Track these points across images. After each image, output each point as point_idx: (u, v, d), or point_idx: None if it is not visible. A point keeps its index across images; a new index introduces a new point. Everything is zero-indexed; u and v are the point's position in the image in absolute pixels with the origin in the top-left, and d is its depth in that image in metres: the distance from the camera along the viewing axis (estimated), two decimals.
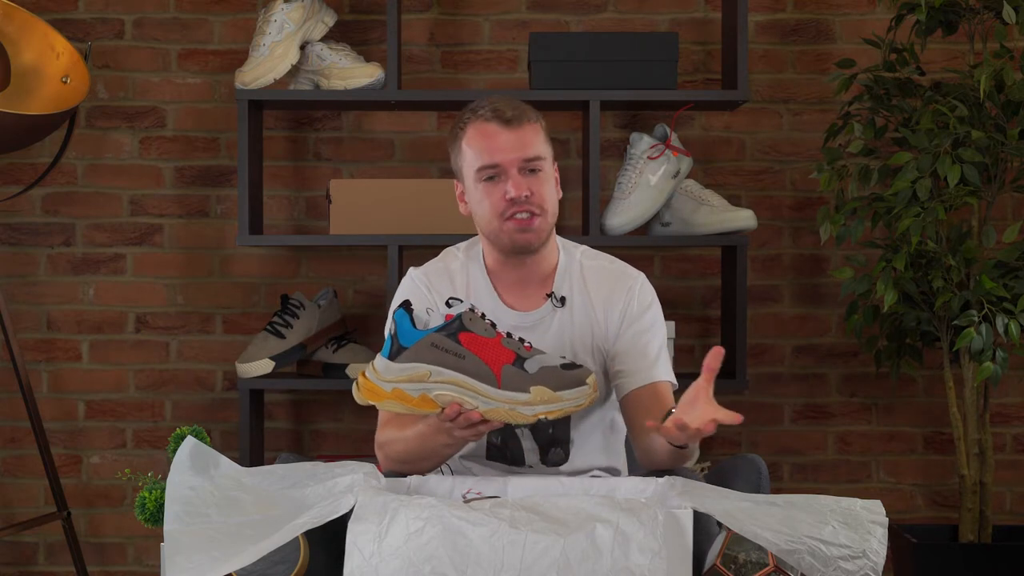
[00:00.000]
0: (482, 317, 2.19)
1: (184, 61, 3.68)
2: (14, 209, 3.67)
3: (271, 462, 3.44)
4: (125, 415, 3.68)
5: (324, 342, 3.48)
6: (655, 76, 3.39)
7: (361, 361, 3.44)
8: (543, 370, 2.13)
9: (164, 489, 2.23)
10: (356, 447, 3.67)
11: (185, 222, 3.68)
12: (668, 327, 3.14)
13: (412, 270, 2.55)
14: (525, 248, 2.43)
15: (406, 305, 2.18)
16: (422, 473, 2.35)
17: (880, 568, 1.99)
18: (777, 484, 3.65)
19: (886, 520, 2.04)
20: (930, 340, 3.39)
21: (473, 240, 2.57)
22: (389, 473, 2.36)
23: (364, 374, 2.17)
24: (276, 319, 3.44)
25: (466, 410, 2.15)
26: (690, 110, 3.61)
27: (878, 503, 2.08)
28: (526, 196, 2.39)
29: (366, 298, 3.69)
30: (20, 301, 3.67)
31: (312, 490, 2.12)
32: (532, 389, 2.13)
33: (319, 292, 3.57)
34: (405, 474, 2.33)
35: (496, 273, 2.50)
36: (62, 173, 3.66)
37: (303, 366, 3.53)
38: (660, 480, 2.16)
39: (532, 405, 2.13)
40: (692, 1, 3.68)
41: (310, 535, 2.16)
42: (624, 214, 3.37)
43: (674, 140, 3.41)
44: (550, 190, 2.45)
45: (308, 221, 3.69)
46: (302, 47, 3.43)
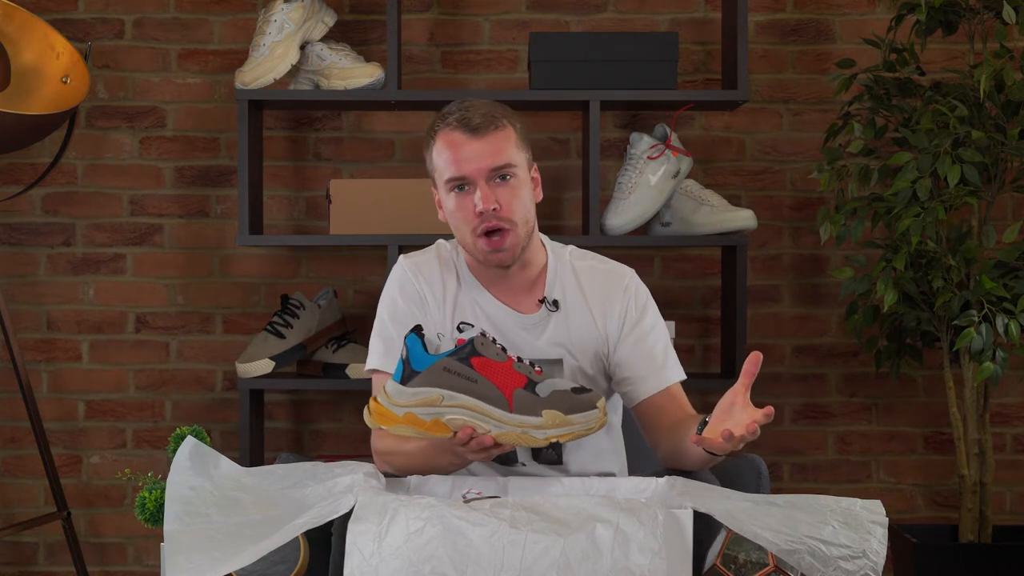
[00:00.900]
0: (493, 342, 2.19)
1: (184, 61, 3.68)
2: (14, 209, 3.67)
3: (271, 462, 3.44)
4: (125, 415, 3.68)
5: (324, 342, 3.48)
6: (655, 76, 3.39)
7: (361, 361, 3.44)
8: (554, 394, 2.14)
9: (164, 489, 2.23)
10: (356, 447, 3.67)
11: (185, 222, 3.68)
12: (668, 327, 3.14)
13: (403, 258, 2.51)
14: (499, 266, 2.42)
15: (417, 330, 2.19)
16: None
17: (880, 568, 1.99)
18: (777, 484, 3.65)
19: (886, 520, 2.04)
20: (930, 340, 3.39)
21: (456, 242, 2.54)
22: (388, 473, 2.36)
23: (376, 399, 2.18)
24: (276, 319, 3.44)
25: (478, 434, 2.15)
26: (690, 110, 3.61)
27: (878, 503, 2.07)
28: (494, 209, 2.35)
29: (366, 298, 3.69)
30: (20, 301, 3.67)
31: (312, 490, 2.12)
32: (544, 413, 2.14)
33: (319, 292, 3.57)
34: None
35: (479, 276, 2.48)
36: (62, 173, 3.66)
37: (303, 366, 3.53)
38: (660, 480, 2.16)
39: (544, 429, 2.14)
40: (692, 1, 3.68)
41: (310, 535, 2.16)
42: (624, 214, 3.37)
43: (674, 140, 3.41)
44: (521, 199, 2.38)
45: (308, 221, 3.69)
46: (302, 47, 3.43)
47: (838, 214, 3.25)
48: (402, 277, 2.49)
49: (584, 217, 3.49)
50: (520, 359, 2.20)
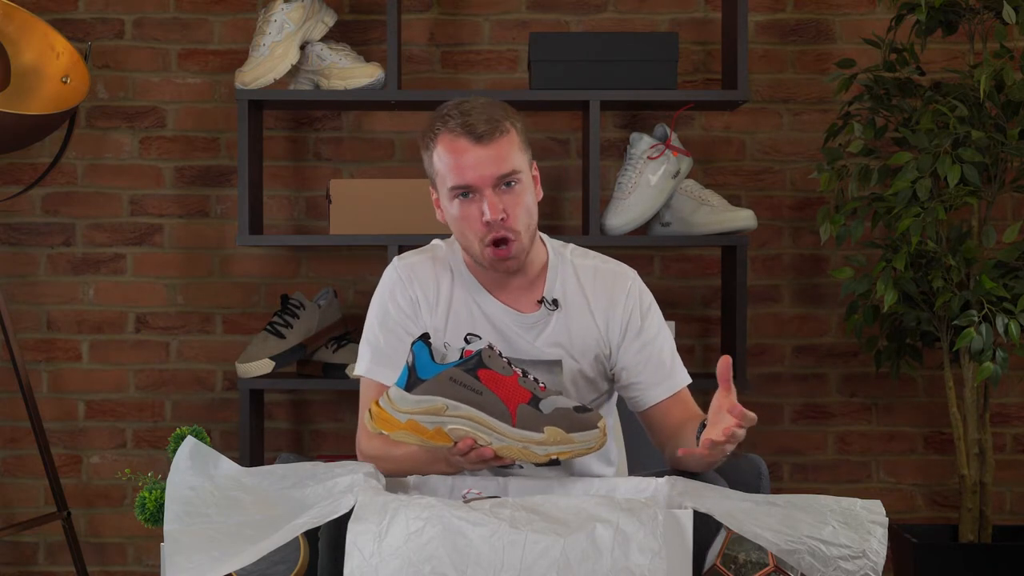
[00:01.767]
0: (499, 355, 2.19)
1: (184, 61, 3.68)
2: (14, 209, 3.67)
3: (271, 462, 3.44)
4: (125, 415, 3.68)
5: (324, 342, 3.48)
6: (655, 76, 3.39)
7: None
8: (557, 411, 2.15)
9: (164, 489, 2.23)
10: (355, 447, 3.67)
11: (185, 222, 3.68)
12: (668, 327, 3.14)
13: (396, 260, 2.49)
14: (506, 272, 2.40)
15: (425, 338, 2.19)
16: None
17: (880, 568, 1.99)
18: (777, 484, 3.65)
19: (886, 520, 2.04)
20: (930, 340, 3.39)
21: (453, 239, 2.50)
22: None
23: (378, 403, 2.18)
24: (276, 319, 3.44)
25: (479, 446, 2.15)
26: (690, 110, 3.61)
27: (878, 503, 2.08)
28: (501, 219, 2.32)
29: (366, 298, 3.66)
30: (20, 301, 3.67)
31: (312, 490, 2.12)
32: (546, 429, 2.14)
33: (319, 292, 3.57)
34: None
35: (480, 273, 2.45)
36: (62, 173, 3.66)
37: (303, 366, 3.53)
38: (660, 480, 2.16)
39: (545, 445, 2.14)
40: (692, 1, 3.68)
41: (310, 535, 2.16)
42: (624, 214, 3.37)
43: (674, 140, 3.41)
44: (526, 205, 2.36)
45: (308, 221, 3.69)
46: (302, 47, 3.43)
47: (838, 214, 3.25)
48: (394, 283, 2.46)
49: (584, 217, 3.49)
50: (525, 374, 2.20)
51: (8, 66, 3.24)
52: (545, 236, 2.52)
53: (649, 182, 3.38)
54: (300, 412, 3.70)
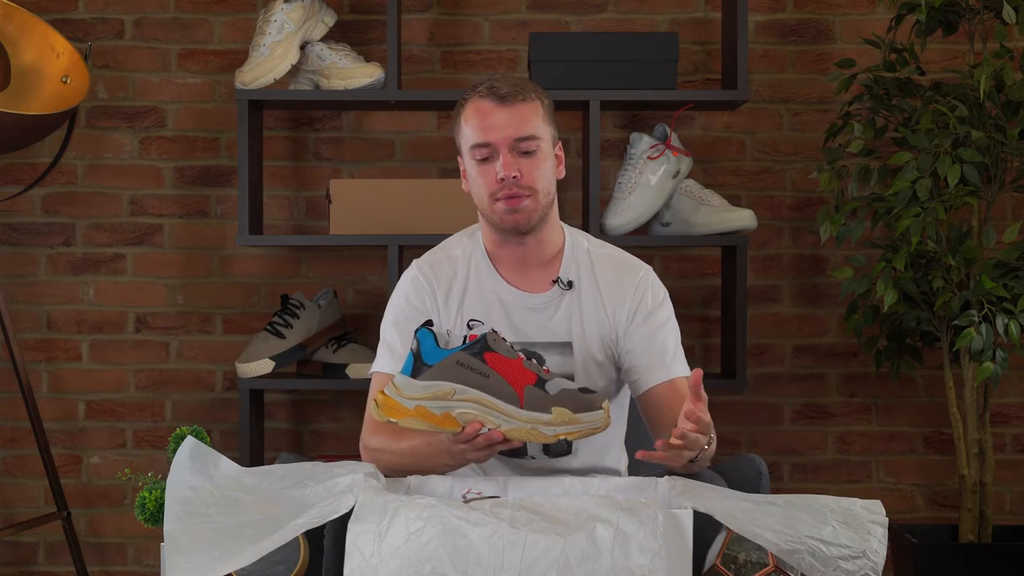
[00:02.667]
0: (503, 339, 2.20)
1: (184, 61, 3.68)
2: (14, 209, 3.67)
3: (271, 462, 3.44)
4: (125, 415, 3.68)
5: (324, 342, 3.48)
6: (655, 76, 3.39)
7: (361, 361, 3.44)
8: (563, 392, 2.15)
9: (164, 489, 2.23)
10: (356, 447, 3.65)
11: (185, 222, 3.68)
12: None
13: (416, 262, 2.55)
14: (515, 228, 2.44)
15: (428, 324, 2.20)
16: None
17: (880, 568, 1.99)
18: (777, 484, 3.65)
19: (886, 520, 2.04)
20: (930, 340, 3.39)
21: (474, 227, 2.58)
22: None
23: (384, 392, 2.18)
24: (276, 319, 3.44)
25: (486, 430, 2.16)
26: (690, 110, 3.61)
27: (878, 503, 2.08)
28: (514, 177, 2.39)
29: (366, 298, 3.69)
30: (20, 301, 3.67)
31: (312, 490, 2.12)
32: (553, 410, 2.14)
33: (319, 292, 3.57)
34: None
35: (497, 256, 2.51)
36: (62, 173, 3.66)
37: (303, 366, 3.53)
38: (660, 480, 2.16)
39: (553, 426, 2.14)
40: (692, 1, 3.68)
41: (310, 535, 2.16)
42: (624, 214, 3.37)
43: (674, 140, 3.41)
44: (543, 171, 2.43)
45: (308, 221, 3.69)
46: (302, 47, 3.43)
47: (838, 214, 3.25)
48: (410, 282, 2.53)
49: (584, 217, 3.49)
50: (528, 358, 2.21)
51: (8, 66, 3.24)
52: (565, 224, 2.58)
53: (649, 182, 3.38)
54: (300, 412, 3.70)
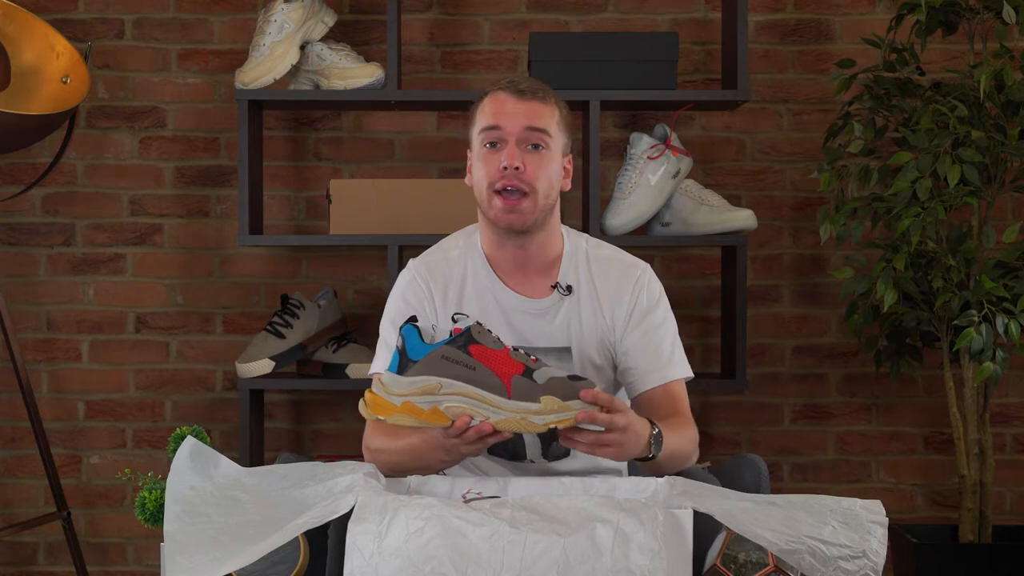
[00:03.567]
0: (488, 331, 2.19)
1: (184, 61, 3.68)
2: (14, 209, 3.67)
3: (271, 462, 3.44)
4: (125, 415, 3.68)
5: (324, 342, 3.48)
6: (655, 76, 3.39)
7: (361, 361, 3.44)
8: (551, 381, 2.14)
9: (164, 489, 2.23)
10: (356, 447, 3.65)
11: (185, 222, 3.68)
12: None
13: (411, 262, 2.55)
14: (510, 228, 2.43)
15: (413, 320, 2.19)
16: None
17: (880, 568, 1.99)
18: (777, 484, 3.65)
19: (886, 520, 2.04)
20: (930, 340, 3.39)
21: (472, 228, 2.57)
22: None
23: (371, 390, 2.18)
24: (276, 319, 3.44)
25: (476, 423, 2.15)
26: (690, 110, 3.61)
27: (878, 503, 2.08)
28: (517, 167, 2.38)
29: (366, 298, 3.69)
30: (20, 301, 3.67)
31: (312, 490, 2.12)
32: (542, 399, 2.13)
33: (319, 292, 3.57)
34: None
35: (496, 259, 2.50)
36: (62, 173, 3.66)
37: (303, 366, 3.53)
38: (660, 480, 2.16)
39: (543, 414, 2.13)
40: (692, 1, 3.68)
41: (310, 535, 2.16)
42: (624, 214, 3.37)
43: (674, 140, 3.41)
44: (548, 171, 2.42)
45: (308, 221, 3.69)
46: (302, 47, 3.43)
47: (838, 214, 3.25)
48: (407, 283, 2.52)
49: (584, 217, 3.49)
50: (516, 348, 2.20)
51: (8, 66, 3.24)
52: (565, 228, 2.57)
53: (649, 182, 3.38)
54: (300, 412, 3.70)
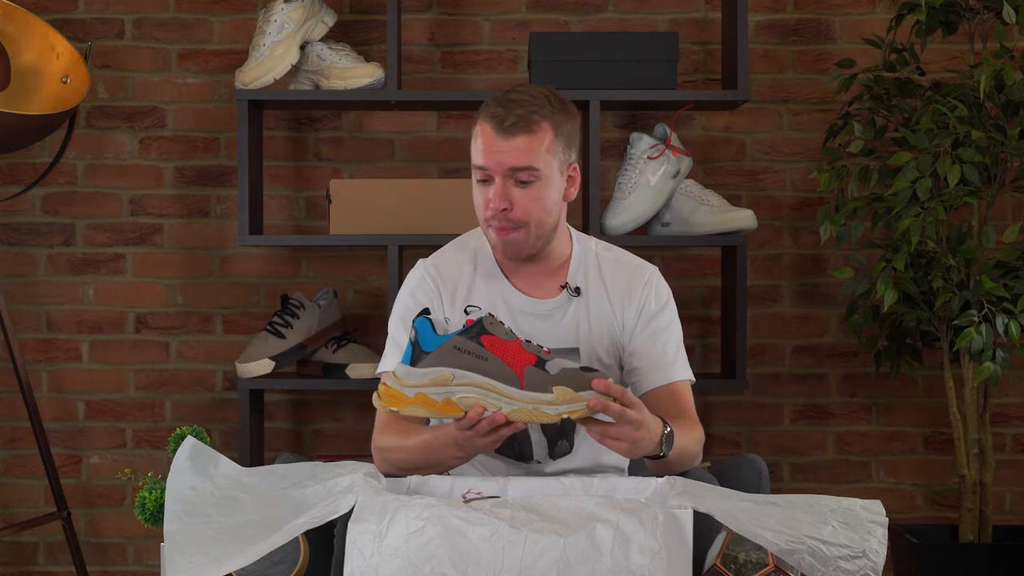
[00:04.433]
0: (501, 323, 2.20)
1: (184, 61, 3.68)
2: (14, 209, 3.67)
3: (271, 462, 3.44)
4: (125, 415, 3.68)
5: (324, 342, 3.48)
6: (655, 76, 3.39)
7: (361, 361, 3.44)
8: (564, 371, 2.15)
9: (164, 489, 2.23)
10: (356, 447, 3.67)
11: (185, 222, 3.68)
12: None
13: (421, 262, 2.56)
14: (507, 256, 2.47)
15: (425, 312, 2.20)
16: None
17: (880, 568, 1.99)
18: (777, 484, 3.65)
19: (886, 520, 2.04)
20: (930, 340, 3.39)
21: (481, 229, 2.58)
22: (387, 475, 2.36)
23: (385, 382, 2.18)
24: (276, 319, 3.44)
25: (489, 414, 2.15)
26: (690, 110, 3.61)
27: (878, 503, 2.08)
28: (504, 209, 2.39)
29: (366, 298, 3.69)
30: (20, 301, 3.67)
31: (312, 490, 2.12)
32: (555, 389, 2.14)
33: (319, 292, 3.57)
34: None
35: (505, 261, 2.52)
36: (62, 173, 3.66)
37: (303, 366, 3.53)
38: (660, 480, 2.16)
39: (555, 405, 2.14)
40: (692, 1, 3.68)
41: (310, 535, 2.16)
42: (624, 214, 3.37)
43: (674, 140, 3.41)
44: (540, 202, 2.40)
45: (308, 221, 3.69)
46: (302, 47, 3.43)
47: (838, 214, 3.25)
48: (416, 282, 2.53)
49: (584, 217, 3.49)
50: (528, 340, 2.21)
51: (8, 66, 3.24)
52: (573, 230, 2.58)
53: (649, 182, 3.38)
54: (300, 412, 3.70)
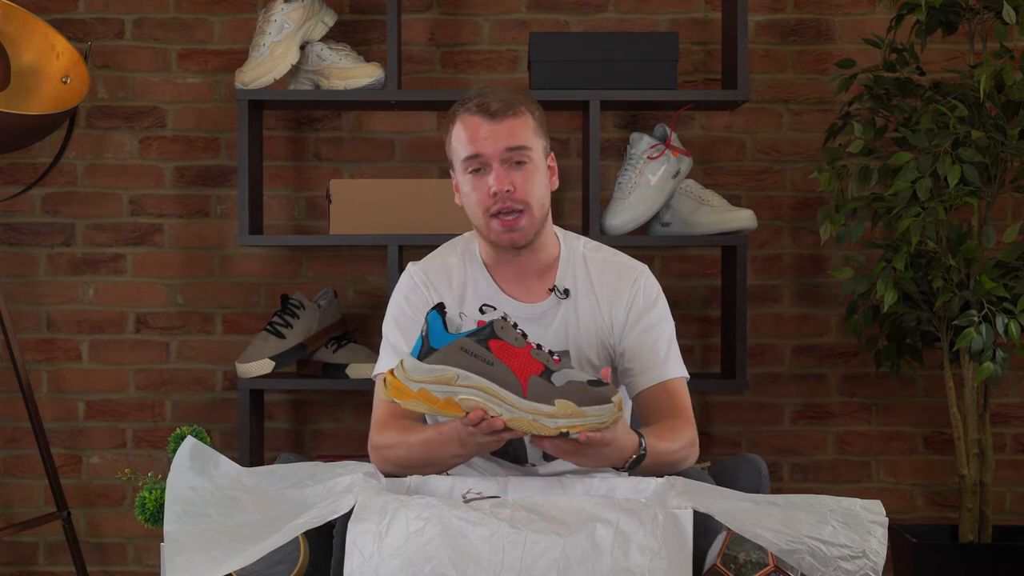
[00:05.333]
0: (514, 327, 2.19)
1: (184, 61, 3.68)
2: (14, 209, 3.67)
3: (271, 462, 3.44)
4: (125, 415, 3.68)
5: (324, 342, 3.48)
6: (655, 76, 3.39)
7: (361, 361, 3.44)
8: (570, 384, 2.13)
9: (164, 489, 2.23)
10: (356, 447, 3.67)
11: (185, 222, 3.68)
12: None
13: (411, 265, 2.56)
14: (512, 246, 2.45)
15: (440, 307, 2.19)
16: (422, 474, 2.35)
17: (880, 568, 1.99)
18: (777, 484, 3.65)
19: (886, 520, 2.04)
20: (930, 340, 3.39)
21: (469, 235, 2.58)
22: (385, 474, 2.36)
23: (392, 372, 2.18)
24: (276, 319, 3.44)
25: (489, 417, 2.15)
26: (690, 110, 3.61)
27: (878, 503, 2.08)
28: (508, 190, 2.39)
29: (366, 298, 3.69)
30: (20, 301, 3.67)
31: (312, 490, 2.12)
32: (557, 402, 2.12)
33: (319, 292, 3.57)
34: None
35: (494, 268, 2.51)
36: (62, 173, 3.66)
37: (303, 366, 3.53)
38: (660, 480, 2.16)
39: (555, 418, 2.12)
40: (692, 1, 3.68)
41: (310, 535, 2.16)
42: (624, 214, 3.37)
43: (674, 140, 3.41)
44: (537, 183, 2.43)
45: (308, 221, 3.69)
46: (302, 47, 3.43)
47: (838, 214, 3.25)
48: (408, 286, 2.53)
49: (584, 217, 3.49)
50: (539, 346, 2.20)
51: (8, 66, 3.24)
52: (560, 230, 2.57)
53: (649, 182, 3.38)
54: (300, 412, 3.70)
